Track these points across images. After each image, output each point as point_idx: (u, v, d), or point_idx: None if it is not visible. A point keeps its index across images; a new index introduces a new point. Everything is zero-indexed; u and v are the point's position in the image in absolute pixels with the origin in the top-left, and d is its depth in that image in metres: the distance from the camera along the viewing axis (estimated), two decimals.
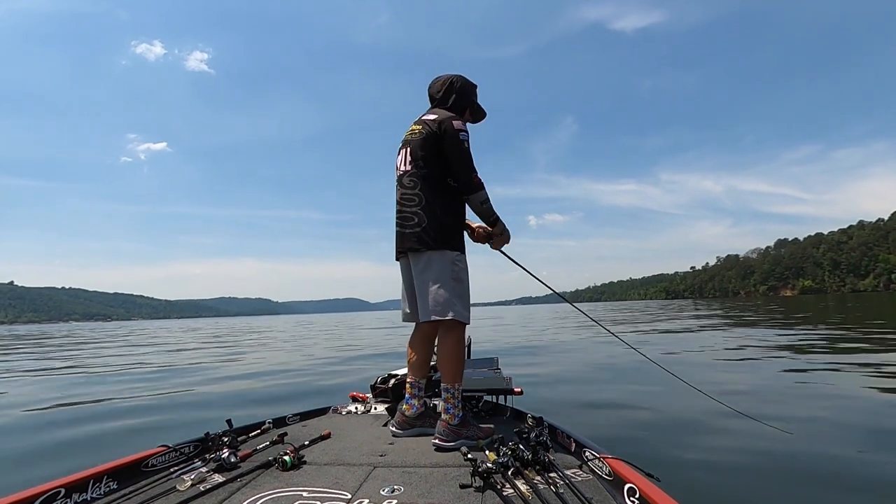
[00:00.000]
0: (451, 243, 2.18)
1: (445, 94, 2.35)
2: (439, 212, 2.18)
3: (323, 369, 7.48)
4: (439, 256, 2.15)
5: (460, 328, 2.19)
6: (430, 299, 2.14)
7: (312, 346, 12.39)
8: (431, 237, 2.15)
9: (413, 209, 2.20)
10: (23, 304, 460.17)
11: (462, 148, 2.16)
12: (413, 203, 2.21)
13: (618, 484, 1.52)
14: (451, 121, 2.19)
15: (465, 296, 2.20)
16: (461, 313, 2.14)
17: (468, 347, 3.70)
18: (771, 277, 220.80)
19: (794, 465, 2.61)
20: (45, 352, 14.14)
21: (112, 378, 7.33)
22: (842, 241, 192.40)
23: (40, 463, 3.08)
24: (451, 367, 2.16)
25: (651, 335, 11.62)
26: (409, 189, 2.23)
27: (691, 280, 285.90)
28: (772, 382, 4.94)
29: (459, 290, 2.17)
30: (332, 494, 1.56)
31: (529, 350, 9.29)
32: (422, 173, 2.21)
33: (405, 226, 2.21)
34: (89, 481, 1.57)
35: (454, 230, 2.22)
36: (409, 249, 2.21)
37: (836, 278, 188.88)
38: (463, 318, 2.15)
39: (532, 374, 6.12)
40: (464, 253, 2.26)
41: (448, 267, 2.15)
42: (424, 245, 2.16)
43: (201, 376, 7.16)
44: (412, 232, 2.18)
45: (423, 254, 2.18)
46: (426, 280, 2.17)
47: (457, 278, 2.17)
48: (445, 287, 2.13)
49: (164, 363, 9.43)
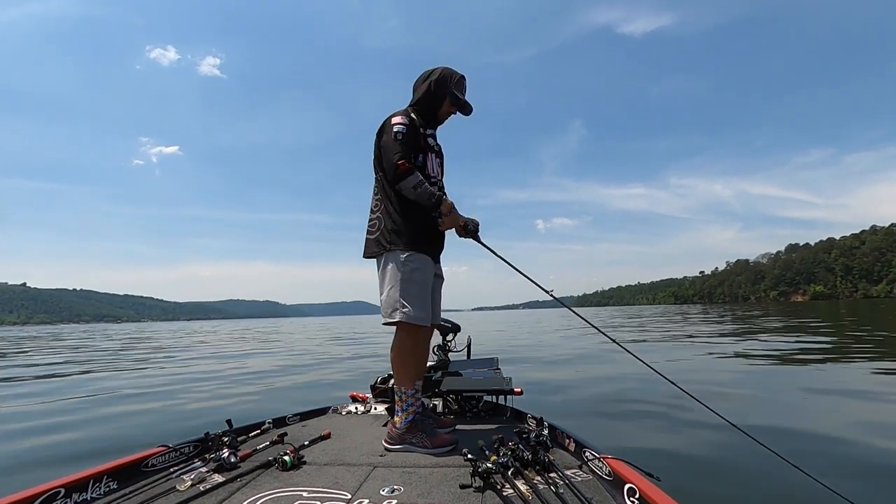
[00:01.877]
0: (401, 242, 2.15)
1: (416, 89, 2.33)
2: (392, 211, 2.18)
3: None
4: (391, 258, 2.15)
5: (413, 330, 2.14)
6: (383, 302, 2.15)
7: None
8: (386, 238, 2.16)
9: (376, 215, 2.24)
10: (35, 305, 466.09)
11: (388, 137, 2.14)
12: (376, 209, 2.24)
13: (618, 484, 1.51)
14: (391, 116, 2.19)
15: (419, 296, 2.13)
16: (410, 315, 2.09)
17: (468, 348, 3.69)
18: (782, 282, 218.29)
19: (793, 468, 2.61)
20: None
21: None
22: (854, 246, 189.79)
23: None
24: (400, 369, 2.16)
25: (655, 343, 11.51)
26: (374, 196, 2.27)
27: (700, 285, 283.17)
28: (778, 395, 4.86)
29: (411, 291, 2.11)
30: (332, 494, 1.56)
31: (537, 353, 9.25)
32: (378, 177, 2.25)
33: (370, 232, 2.24)
34: (89, 481, 1.57)
35: (405, 228, 2.17)
36: (371, 255, 2.23)
37: (848, 284, 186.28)
38: (412, 320, 2.09)
39: (544, 378, 6.09)
40: (421, 252, 2.17)
41: (399, 267, 2.13)
42: (381, 248, 2.17)
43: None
44: (373, 238, 2.21)
45: (380, 257, 2.20)
46: (381, 283, 2.18)
47: (407, 279, 2.12)
48: (395, 288, 2.11)
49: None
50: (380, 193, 2.24)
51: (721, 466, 2.67)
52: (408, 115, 2.21)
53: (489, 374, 2.94)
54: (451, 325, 3.30)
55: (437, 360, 3.20)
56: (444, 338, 3.37)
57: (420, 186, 2.10)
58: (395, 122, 2.15)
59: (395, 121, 2.16)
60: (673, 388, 2.13)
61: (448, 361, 3.28)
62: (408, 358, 2.16)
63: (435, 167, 2.33)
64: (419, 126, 2.23)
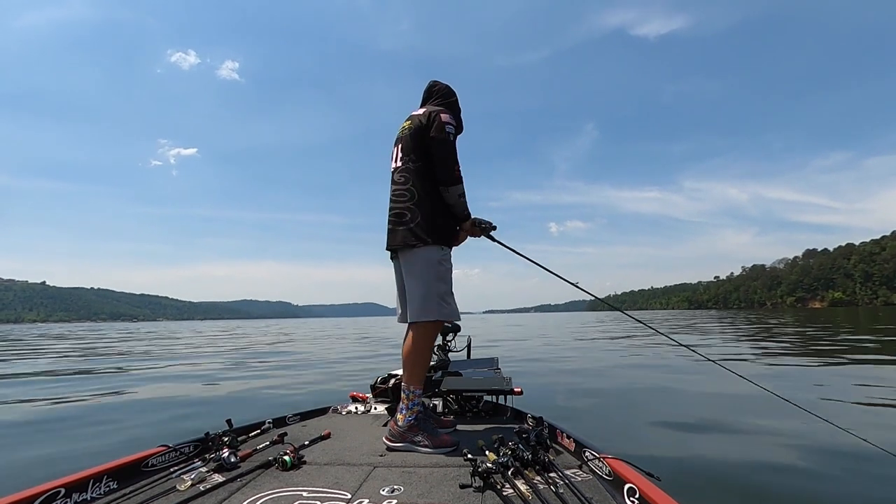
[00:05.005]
0: (442, 240, 2.15)
1: (434, 94, 2.36)
2: (432, 206, 2.15)
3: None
4: (428, 253, 2.13)
5: (434, 330, 2.16)
6: (419, 297, 2.12)
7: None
8: (424, 230, 2.12)
9: (405, 205, 2.17)
10: (54, 303, 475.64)
11: (447, 137, 2.14)
12: (405, 199, 2.17)
13: (618, 484, 1.51)
14: (439, 112, 2.19)
15: (448, 296, 2.15)
16: (449, 312, 2.12)
17: (468, 348, 3.69)
18: (799, 288, 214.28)
19: (794, 466, 2.60)
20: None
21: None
22: (874, 251, 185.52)
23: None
24: (414, 368, 2.14)
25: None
26: (401, 185, 2.20)
27: (715, 290, 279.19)
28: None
29: (442, 290, 2.12)
30: (332, 494, 1.56)
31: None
32: (413, 167, 2.19)
33: (399, 222, 2.17)
34: (89, 481, 1.58)
35: (445, 226, 2.18)
36: (402, 246, 2.17)
37: (867, 290, 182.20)
38: (445, 318, 2.13)
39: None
40: (450, 250, 2.23)
41: (434, 266, 2.12)
42: (419, 241, 2.12)
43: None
44: (405, 228, 2.15)
45: (413, 251, 2.14)
46: (412, 279, 2.16)
47: (440, 278, 2.13)
48: (429, 287, 2.11)
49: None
50: (417, 185, 2.17)
51: (721, 466, 2.66)
52: (455, 117, 2.25)
53: (489, 374, 2.95)
54: (452, 325, 3.31)
55: (437, 360, 3.21)
56: (444, 338, 3.38)
57: (464, 196, 2.16)
58: (447, 119, 2.17)
59: (446, 118, 2.17)
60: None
61: (448, 361, 3.28)
62: (422, 356, 2.15)
63: None
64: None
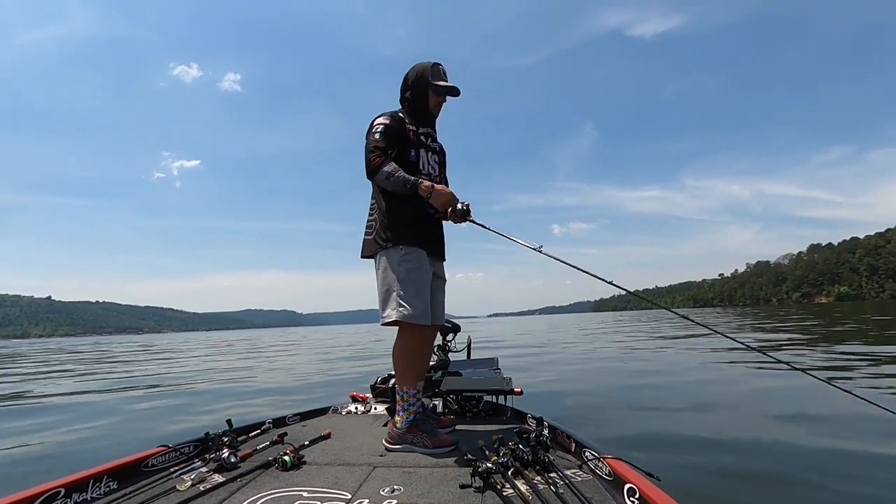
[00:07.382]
0: (401, 239, 2.13)
1: (401, 93, 2.33)
2: (383, 209, 2.17)
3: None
4: (386, 255, 2.13)
5: (414, 329, 2.12)
6: (380, 301, 2.14)
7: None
8: (381, 237, 2.15)
9: (372, 216, 2.24)
10: (59, 317, 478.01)
11: (368, 136, 2.15)
12: (373, 210, 2.25)
13: (618, 484, 1.50)
14: (376, 117, 2.20)
15: (417, 294, 2.09)
16: (408, 313, 2.06)
17: (468, 348, 3.68)
18: (804, 284, 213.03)
19: (793, 467, 2.58)
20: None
21: None
22: (879, 245, 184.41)
23: None
24: (402, 369, 2.15)
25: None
26: (371, 198, 2.27)
27: (720, 287, 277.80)
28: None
29: (409, 289, 2.08)
30: (332, 494, 1.56)
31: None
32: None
33: (367, 233, 2.25)
34: (89, 481, 1.58)
35: (397, 223, 2.15)
36: (370, 256, 2.23)
37: (874, 284, 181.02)
38: (410, 319, 2.06)
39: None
40: (414, 246, 2.14)
41: (395, 265, 2.11)
42: (377, 246, 2.16)
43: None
44: (370, 238, 2.21)
45: (377, 258, 2.18)
46: (378, 283, 2.17)
47: (402, 279, 2.09)
48: (392, 286, 2.10)
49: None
50: (376, 195, 2.24)
51: (721, 466, 2.65)
52: (392, 115, 2.21)
53: (489, 374, 2.94)
54: (452, 325, 3.31)
55: (437, 360, 3.20)
56: (444, 338, 3.38)
57: (393, 175, 2.06)
58: (377, 121, 2.17)
59: (378, 120, 2.18)
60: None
61: (448, 361, 3.28)
62: (409, 358, 2.15)
63: (431, 164, 2.31)
64: (407, 123, 2.23)
